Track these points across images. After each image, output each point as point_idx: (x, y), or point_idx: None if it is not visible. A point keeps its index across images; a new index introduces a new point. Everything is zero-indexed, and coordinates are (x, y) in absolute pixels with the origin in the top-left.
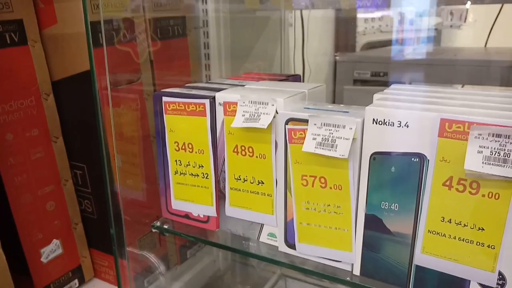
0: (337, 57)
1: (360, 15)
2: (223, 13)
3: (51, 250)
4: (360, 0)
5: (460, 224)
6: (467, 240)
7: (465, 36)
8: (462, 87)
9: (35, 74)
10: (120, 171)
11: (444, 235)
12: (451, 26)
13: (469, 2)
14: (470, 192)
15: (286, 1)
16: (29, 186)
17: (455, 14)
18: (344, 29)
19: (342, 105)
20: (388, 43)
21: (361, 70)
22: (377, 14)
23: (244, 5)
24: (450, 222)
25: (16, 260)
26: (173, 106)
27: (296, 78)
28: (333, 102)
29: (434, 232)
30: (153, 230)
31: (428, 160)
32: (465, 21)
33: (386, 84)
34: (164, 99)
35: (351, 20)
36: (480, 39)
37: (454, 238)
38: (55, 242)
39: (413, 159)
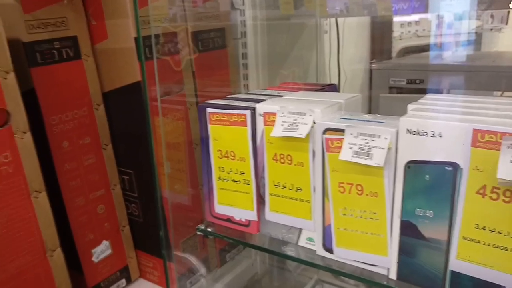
0: (372, 65)
1: (396, 19)
2: (260, 22)
3: (101, 251)
4: (397, 4)
5: (494, 231)
6: (501, 247)
7: (507, 38)
8: (502, 94)
9: (88, 86)
10: (166, 177)
11: (479, 242)
12: (491, 29)
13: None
14: (503, 200)
15: (321, 6)
16: (82, 190)
17: (495, 16)
18: (380, 35)
19: (377, 115)
20: (425, 48)
21: (396, 78)
22: (414, 18)
23: (280, 11)
24: (485, 229)
25: (71, 258)
26: (217, 117)
27: (332, 87)
28: (369, 109)
29: (468, 239)
30: (198, 233)
31: (462, 169)
32: (506, 23)
33: (422, 92)
34: (208, 110)
35: (387, 25)
36: None
37: (489, 245)
38: (105, 243)
39: (446, 168)
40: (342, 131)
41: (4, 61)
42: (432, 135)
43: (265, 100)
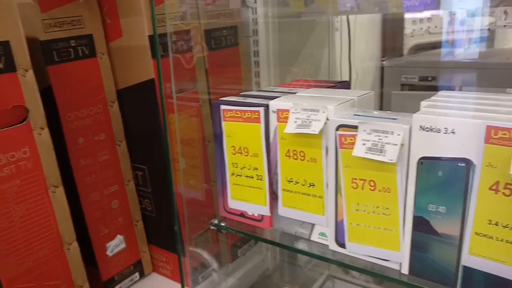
0: (384, 63)
1: (408, 16)
2: (271, 19)
3: (116, 245)
4: (408, 0)
5: (507, 227)
6: None
7: None
8: None
9: (103, 84)
10: (180, 173)
11: (491, 237)
12: (505, 26)
13: None
14: None
15: (332, 3)
16: (97, 185)
17: (509, 13)
18: (391, 32)
19: (390, 112)
20: (437, 45)
21: (408, 75)
22: (426, 14)
23: (290, 9)
24: (497, 225)
25: (86, 252)
26: (231, 114)
27: (344, 84)
28: (381, 107)
29: (481, 234)
30: (212, 227)
31: (475, 165)
32: None
33: (434, 89)
34: (222, 107)
35: (398, 22)
36: None
37: (502, 240)
38: (119, 237)
39: (459, 164)
40: (355, 127)
41: (23, 60)
42: (445, 132)
43: (278, 97)
